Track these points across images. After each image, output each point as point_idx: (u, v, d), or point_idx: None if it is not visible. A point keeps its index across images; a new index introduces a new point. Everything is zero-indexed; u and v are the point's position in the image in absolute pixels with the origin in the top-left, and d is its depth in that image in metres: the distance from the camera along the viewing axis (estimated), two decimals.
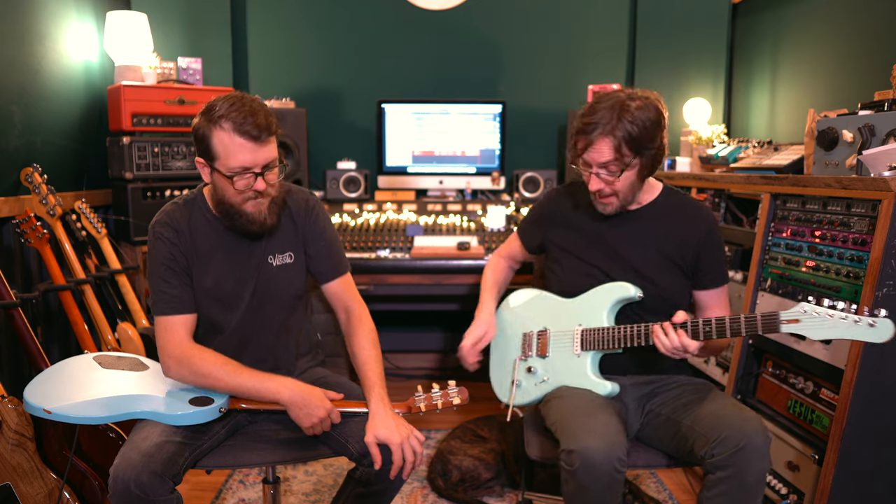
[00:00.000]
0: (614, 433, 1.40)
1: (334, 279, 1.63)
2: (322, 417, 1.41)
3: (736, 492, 1.35)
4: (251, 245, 1.54)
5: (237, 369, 1.43)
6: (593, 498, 1.38)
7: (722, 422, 1.40)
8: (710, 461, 1.37)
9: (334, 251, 1.63)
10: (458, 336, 3.51)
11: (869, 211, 1.63)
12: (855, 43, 2.37)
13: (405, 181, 3.14)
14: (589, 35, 3.28)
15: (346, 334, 1.62)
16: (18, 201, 2.22)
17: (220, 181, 1.43)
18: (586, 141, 1.52)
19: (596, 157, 1.52)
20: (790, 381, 1.86)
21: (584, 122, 1.52)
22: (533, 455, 1.61)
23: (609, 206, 1.60)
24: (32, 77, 2.36)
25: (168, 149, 2.64)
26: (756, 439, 1.35)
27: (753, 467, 1.34)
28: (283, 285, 1.57)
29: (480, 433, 2.37)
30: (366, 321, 1.60)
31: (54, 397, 1.42)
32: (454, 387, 1.50)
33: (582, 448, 1.35)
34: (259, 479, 2.34)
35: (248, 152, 1.38)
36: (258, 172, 1.41)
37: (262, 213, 1.46)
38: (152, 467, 1.29)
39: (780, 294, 1.92)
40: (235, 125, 1.37)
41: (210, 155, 1.41)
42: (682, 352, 1.46)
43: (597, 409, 1.48)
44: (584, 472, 1.35)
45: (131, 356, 1.64)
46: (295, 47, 3.27)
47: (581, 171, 1.59)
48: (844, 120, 1.81)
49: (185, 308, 1.47)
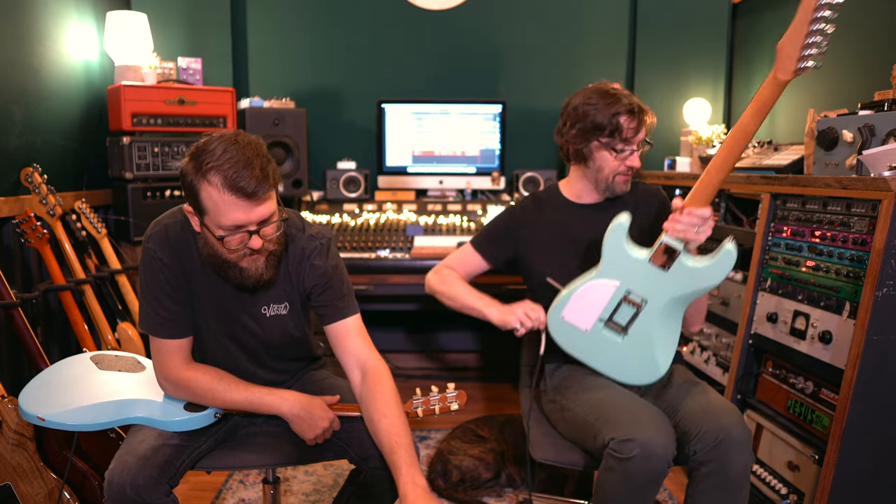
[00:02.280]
0: (669, 428, 1.41)
1: (336, 322, 1.44)
2: (325, 428, 1.40)
3: (721, 486, 1.36)
4: (243, 295, 1.41)
5: (234, 387, 1.40)
6: (638, 488, 1.37)
7: (700, 417, 1.42)
8: (693, 458, 1.38)
9: (332, 293, 1.43)
10: (458, 336, 3.54)
11: (869, 211, 1.63)
12: (855, 43, 2.37)
13: (405, 181, 3.14)
14: (589, 35, 3.28)
15: (362, 397, 1.39)
16: (18, 201, 2.22)
17: (210, 238, 1.28)
18: (639, 121, 1.63)
19: (642, 134, 1.66)
20: (790, 381, 1.85)
21: (633, 103, 1.63)
22: (538, 456, 1.59)
23: (628, 185, 1.71)
24: (32, 77, 2.36)
25: (168, 149, 2.65)
26: (734, 431, 1.36)
27: (735, 460, 1.36)
28: (275, 335, 1.47)
29: (480, 433, 2.37)
30: (386, 380, 1.37)
31: (49, 403, 1.41)
32: (452, 391, 1.50)
33: (643, 438, 1.34)
34: (259, 479, 2.34)
35: (241, 211, 1.22)
36: (253, 231, 1.26)
37: (259, 269, 1.31)
38: (148, 471, 1.29)
39: (779, 294, 1.92)
40: (227, 180, 1.19)
41: (199, 208, 1.26)
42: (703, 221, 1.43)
43: (641, 402, 1.49)
44: (640, 462, 1.34)
45: (129, 356, 1.63)
46: (295, 47, 3.27)
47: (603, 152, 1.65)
48: (844, 120, 1.81)
49: (180, 332, 1.39)
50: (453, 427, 2.45)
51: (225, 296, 1.41)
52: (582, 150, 1.68)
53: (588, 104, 1.65)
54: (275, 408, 1.40)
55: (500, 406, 3.00)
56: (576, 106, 1.67)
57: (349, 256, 2.60)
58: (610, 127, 1.62)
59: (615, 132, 1.63)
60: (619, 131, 1.63)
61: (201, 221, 1.28)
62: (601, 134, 1.64)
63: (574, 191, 1.77)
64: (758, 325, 2.00)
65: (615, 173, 1.67)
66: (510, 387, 3.26)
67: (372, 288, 2.60)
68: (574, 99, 1.69)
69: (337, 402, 1.47)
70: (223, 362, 1.47)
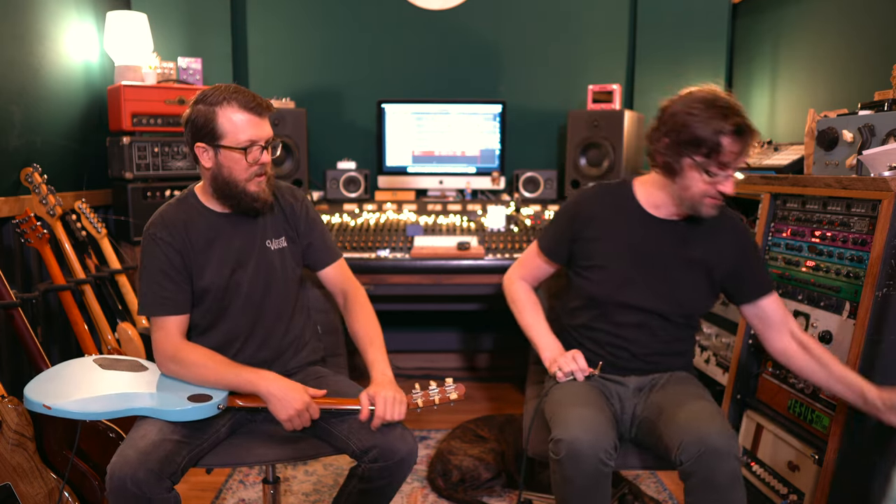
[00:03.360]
0: (602, 425, 1.40)
1: (329, 265, 1.70)
2: (299, 409, 1.41)
3: (711, 495, 1.34)
4: (248, 231, 1.59)
5: (221, 363, 1.47)
6: (578, 490, 1.38)
7: (683, 428, 1.40)
8: (680, 468, 1.37)
9: (326, 238, 1.71)
10: (458, 336, 3.54)
11: (869, 211, 1.63)
12: (855, 43, 2.37)
13: (405, 181, 3.14)
14: (589, 35, 3.28)
15: (346, 316, 1.70)
16: (18, 201, 2.22)
17: (228, 159, 1.49)
18: (743, 144, 1.42)
19: (743, 159, 1.45)
20: (790, 381, 1.85)
21: (742, 123, 1.40)
22: (532, 451, 1.61)
23: (716, 209, 1.52)
24: (32, 77, 2.36)
25: (168, 149, 2.65)
26: (713, 441, 1.33)
27: (720, 469, 1.32)
28: (282, 268, 1.62)
29: (480, 433, 2.36)
30: (362, 300, 1.69)
31: (54, 394, 1.43)
32: (451, 384, 1.51)
33: (570, 438, 1.36)
34: (259, 479, 2.34)
35: (255, 126, 1.48)
36: (263, 146, 1.50)
37: (265, 192, 1.54)
38: (149, 465, 1.30)
39: (780, 294, 1.92)
40: (241, 103, 1.47)
41: (215, 135, 1.47)
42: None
43: (590, 402, 1.49)
44: (569, 462, 1.36)
45: (131, 359, 1.65)
46: (295, 47, 3.27)
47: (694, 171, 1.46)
48: (844, 120, 1.81)
49: (177, 309, 1.52)
50: (453, 427, 2.45)
51: (233, 240, 1.57)
52: (672, 163, 1.48)
53: (690, 114, 1.43)
54: (254, 384, 1.43)
55: (500, 406, 2.99)
56: (675, 112, 1.46)
57: (349, 256, 2.60)
58: (709, 146, 1.41)
59: (713, 153, 1.42)
60: (718, 153, 1.41)
61: (219, 147, 1.48)
62: (697, 152, 1.43)
63: (652, 199, 1.60)
64: None
65: (704, 195, 1.48)
66: (510, 387, 3.26)
67: (372, 288, 2.59)
68: (675, 103, 1.49)
69: (322, 395, 1.48)
70: (239, 320, 1.58)
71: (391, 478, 1.43)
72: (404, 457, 1.41)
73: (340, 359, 1.91)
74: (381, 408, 1.41)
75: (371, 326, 1.63)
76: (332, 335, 1.89)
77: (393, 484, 1.46)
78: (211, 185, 1.55)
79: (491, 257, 2.60)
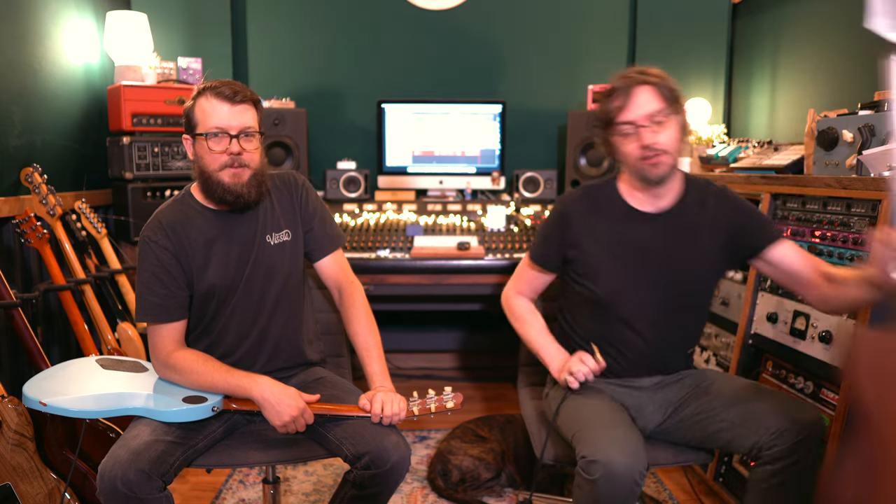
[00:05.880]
0: (637, 447, 1.40)
1: (327, 255, 1.68)
2: (294, 416, 1.40)
3: (797, 480, 1.41)
4: (246, 227, 1.57)
5: (214, 369, 1.46)
6: None
7: (780, 414, 1.44)
8: (769, 452, 1.41)
9: (327, 225, 1.68)
10: (458, 336, 3.54)
11: (869, 211, 1.63)
12: (855, 43, 2.37)
13: (405, 181, 3.14)
14: (589, 35, 3.28)
15: (343, 315, 1.69)
16: (18, 201, 2.22)
17: (201, 148, 1.48)
18: (626, 96, 1.52)
19: (643, 107, 1.51)
20: (790, 381, 1.85)
21: (620, 82, 1.54)
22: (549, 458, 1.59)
23: (660, 167, 1.52)
24: (32, 77, 2.36)
25: (168, 149, 2.65)
26: (815, 429, 1.42)
27: (813, 455, 1.42)
28: (282, 263, 1.60)
29: (480, 433, 2.36)
30: (359, 299, 1.66)
31: (51, 392, 1.44)
32: (449, 392, 1.50)
33: (606, 460, 1.34)
34: (259, 479, 2.34)
35: (223, 114, 1.45)
36: (233, 135, 1.46)
37: (241, 184, 1.49)
38: (139, 465, 1.29)
39: (779, 294, 1.93)
40: (214, 92, 1.47)
41: (192, 125, 1.49)
42: None
43: (617, 420, 1.48)
44: (605, 484, 1.34)
45: (132, 360, 1.65)
46: (295, 47, 3.27)
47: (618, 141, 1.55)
48: (844, 120, 1.81)
49: (169, 316, 1.51)
50: (453, 427, 2.45)
51: (231, 237, 1.55)
52: (609, 147, 1.60)
53: (599, 102, 1.61)
54: (248, 390, 1.43)
55: (500, 406, 2.99)
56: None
57: (349, 256, 2.60)
58: (609, 115, 1.55)
59: (612, 117, 1.55)
60: (615, 115, 1.54)
61: (195, 138, 1.48)
62: (608, 125, 1.56)
63: (630, 192, 1.64)
64: (758, 325, 2.00)
65: (637, 158, 1.53)
66: (510, 387, 3.26)
67: (372, 288, 2.60)
68: None
69: (315, 400, 1.47)
70: (241, 318, 1.57)
71: (382, 486, 1.42)
72: (395, 465, 1.39)
73: (343, 360, 1.90)
74: (379, 404, 1.42)
75: (369, 332, 1.61)
76: (335, 335, 1.89)
77: (385, 492, 1.44)
78: (198, 180, 1.54)
79: (491, 257, 2.60)
